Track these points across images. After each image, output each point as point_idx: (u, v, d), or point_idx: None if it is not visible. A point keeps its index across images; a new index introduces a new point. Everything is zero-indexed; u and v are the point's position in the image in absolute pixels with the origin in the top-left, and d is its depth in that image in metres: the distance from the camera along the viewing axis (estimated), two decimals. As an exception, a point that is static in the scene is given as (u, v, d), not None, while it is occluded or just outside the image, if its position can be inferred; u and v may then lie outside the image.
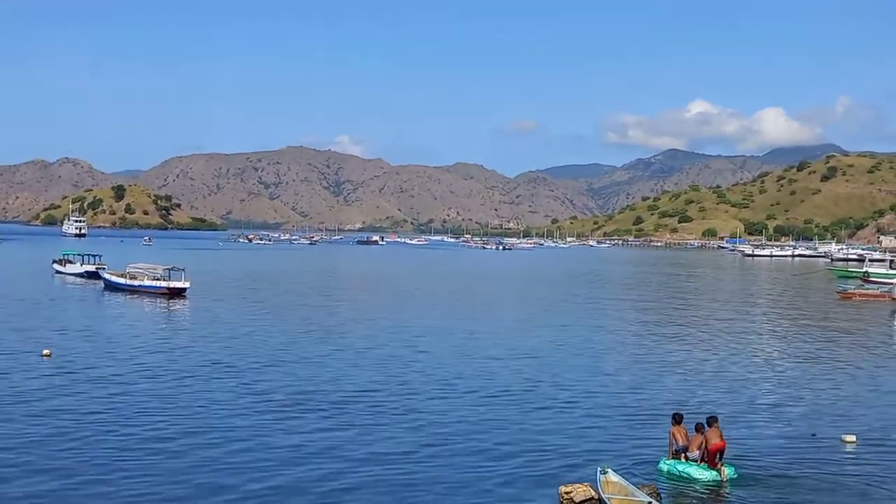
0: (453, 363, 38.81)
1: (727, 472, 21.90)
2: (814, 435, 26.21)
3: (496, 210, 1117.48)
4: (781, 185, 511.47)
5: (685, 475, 21.90)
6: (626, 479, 20.09)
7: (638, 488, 19.62)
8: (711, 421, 22.79)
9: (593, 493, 19.30)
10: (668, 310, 71.64)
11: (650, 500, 18.86)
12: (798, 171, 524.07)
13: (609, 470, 20.41)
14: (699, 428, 22.69)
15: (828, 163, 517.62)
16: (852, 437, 25.48)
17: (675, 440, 22.55)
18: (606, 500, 18.80)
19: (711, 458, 22.19)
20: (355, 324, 55.32)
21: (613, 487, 19.56)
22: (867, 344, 50.48)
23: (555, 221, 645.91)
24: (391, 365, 37.78)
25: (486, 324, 57.45)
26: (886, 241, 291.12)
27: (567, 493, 19.31)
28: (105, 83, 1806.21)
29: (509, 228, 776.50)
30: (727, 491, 21.08)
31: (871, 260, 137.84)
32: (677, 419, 22.95)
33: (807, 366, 40.88)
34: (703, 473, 21.83)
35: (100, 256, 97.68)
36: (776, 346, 48.18)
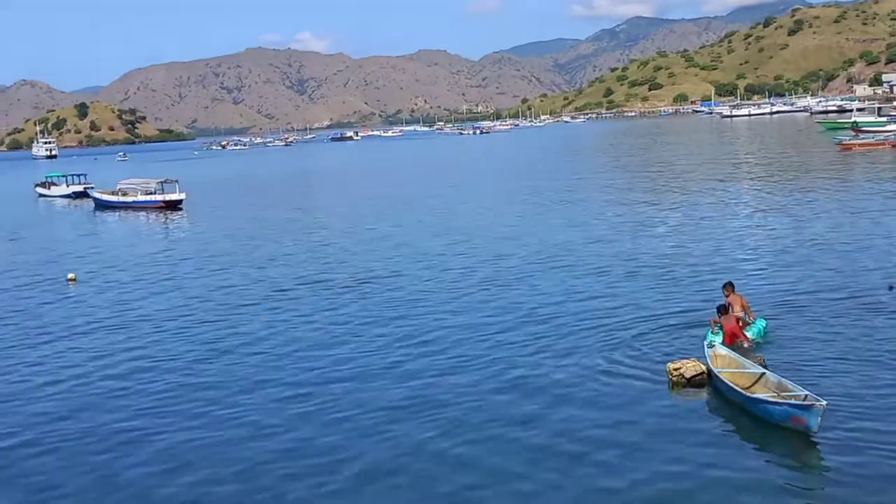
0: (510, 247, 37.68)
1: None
2: (891, 288, 24.48)
3: (464, 95, 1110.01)
4: (749, 44, 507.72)
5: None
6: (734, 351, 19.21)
7: (748, 359, 18.74)
8: (727, 290, 21.61)
9: (702, 367, 18.38)
10: (683, 176, 70.07)
11: (763, 370, 17.93)
12: (764, 27, 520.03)
13: (715, 343, 19.53)
14: (721, 310, 20.87)
15: (794, 16, 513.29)
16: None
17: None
18: (717, 374, 17.84)
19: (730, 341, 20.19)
20: (388, 221, 53.75)
21: (723, 360, 18.63)
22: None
23: (524, 101, 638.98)
24: (444, 256, 36.62)
25: (499, 209, 56.21)
26: (860, 89, 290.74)
27: (676, 369, 18.35)
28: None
29: (479, 112, 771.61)
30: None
31: (858, 109, 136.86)
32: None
33: (846, 219, 38.93)
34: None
35: (84, 175, 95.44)
36: (809, 205, 45.94)
